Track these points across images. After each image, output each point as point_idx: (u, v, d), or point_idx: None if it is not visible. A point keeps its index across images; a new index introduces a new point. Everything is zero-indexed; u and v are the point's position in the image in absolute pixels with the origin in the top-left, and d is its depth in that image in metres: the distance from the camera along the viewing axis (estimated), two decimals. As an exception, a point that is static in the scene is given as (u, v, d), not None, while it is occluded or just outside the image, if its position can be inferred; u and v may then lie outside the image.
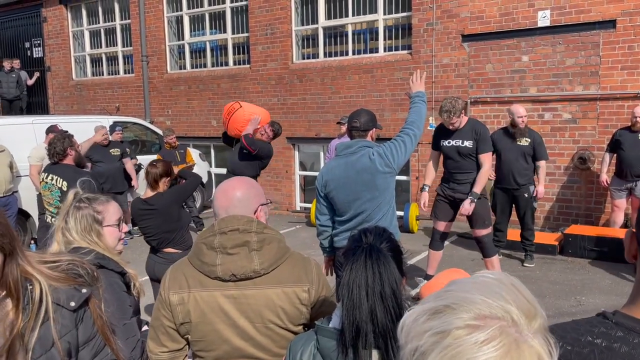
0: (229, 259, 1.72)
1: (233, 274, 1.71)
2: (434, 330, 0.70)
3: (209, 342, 1.76)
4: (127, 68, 12.36)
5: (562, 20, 7.26)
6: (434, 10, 8.13)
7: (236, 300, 1.73)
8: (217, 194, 1.85)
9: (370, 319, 1.36)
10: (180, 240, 3.98)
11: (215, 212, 1.83)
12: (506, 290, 0.73)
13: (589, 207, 7.39)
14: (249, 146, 5.80)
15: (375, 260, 1.40)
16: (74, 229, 2.06)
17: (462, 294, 0.73)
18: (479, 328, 0.68)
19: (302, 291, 1.76)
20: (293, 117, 9.72)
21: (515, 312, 0.70)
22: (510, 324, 0.69)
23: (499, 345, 0.67)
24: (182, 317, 1.74)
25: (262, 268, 1.73)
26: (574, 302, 5.08)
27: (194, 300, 1.73)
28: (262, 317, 1.73)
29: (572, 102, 7.35)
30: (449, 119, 4.94)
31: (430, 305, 0.74)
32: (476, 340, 0.67)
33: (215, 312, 1.73)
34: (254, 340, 1.75)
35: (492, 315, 0.70)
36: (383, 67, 8.71)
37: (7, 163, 6.70)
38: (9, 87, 12.19)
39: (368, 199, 3.24)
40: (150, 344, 1.82)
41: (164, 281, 1.81)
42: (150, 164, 4.04)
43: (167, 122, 11.29)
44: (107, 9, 12.50)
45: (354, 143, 3.30)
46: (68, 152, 4.86)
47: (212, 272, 1.73)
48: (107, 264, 2.04)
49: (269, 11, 9.78)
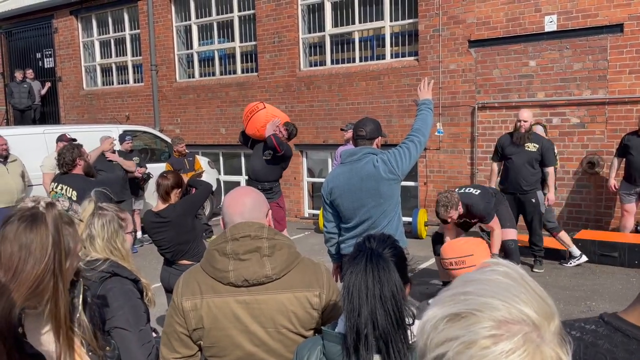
0: (242, 265, 1.75)
1: (245, 280, 1.74)
2: (461, 339, 0.72)
3: (221, 348, 1.78)
4: (137, 77, 12.50)
5: (569, 24, 7.25)
6: (440, 17, 8.16)
7: (248, 305, 1.76)
8: (231, 201, 1.88)
9: (370, 322, 1.37)
10: (195, 252, 3.91)
11: (228, 219, 1.85)
12: (520, 290, 0.75)
13: (599, 211, 7.35)
14: (278, 146, 5.89)
15: (376, 264, 1.41)
16: (100, 235, 2.10)
17: (481, 298, 0.74)
18: (504, 337, 0.70)
19: (313, 296, 1.79)
20: (301, 124, 9.75)
21: (534, 316, 0.73)
22: (532, 328, 0.72)
23: (524, 354, 0.69)
24: (195, 323, 1.77)
25: (274, 273, 1.76)
26: (584, 307, 5.05)
27: (207, 306, 1.76)
28: (274, 322, 1.76)
29: (580, 107, 7.33)
30: (446, 212, 4.86)
31: (449, 310, 0.75)
32: (502, 350, 0.69)
33: (228, 318, 1.76)
34: (266, 346, 1.77)
35: (513, 321, 0.72)
36: (390, 74, 8.73)
37: (19, 172, 6.80)
38: (20, 97, 12.37)
39: (373, 205, 3.25)
40: (163, 350, 1.84)
41: (177, 288, 1.83)
42: (160, 176, 4.00)
43: (177, 130, 11.38)
44: (117, 19, 12.66)
45: (359, 150, 3.32)
46: (77, 162, 4.91)
47: (224, 278, 1.75)
48: (121, 272, 2.08)
49: (277, 19, 9.85)
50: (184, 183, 4.08)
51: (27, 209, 1.42)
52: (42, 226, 1.38)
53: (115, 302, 2.01)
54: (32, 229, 1.37)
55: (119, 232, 2.15)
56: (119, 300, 2.02)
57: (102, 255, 2.12)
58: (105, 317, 1.96)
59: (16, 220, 1.39)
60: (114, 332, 1.98)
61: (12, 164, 6.75)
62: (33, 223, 1.38)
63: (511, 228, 5.24)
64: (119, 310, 2.00)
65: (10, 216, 1.41)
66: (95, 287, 2.04)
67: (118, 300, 2.01)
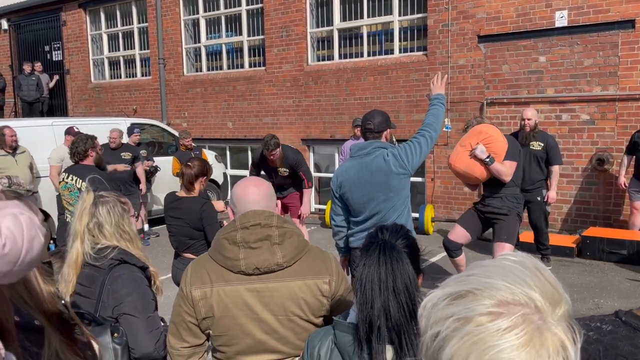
0: (252, 253, 1.75)
1: (257, 268, 1.75)
2: (456, 316, 0.70)
3: (231, 337, 1.78)
4: (145, 71, 12.51)
5: (580, 20, 7.18)
6: (450, 11, 8.10)
7: (259, 293, 1.76)
8: (241, 191, 1.88)
9: (383, 313, 1.37)
10: (201, 249, 3.78)
11: (238, 208, 1.86)
12: (530, 275, 0.72)
13: (608, 209, 7.29)
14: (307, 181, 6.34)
15: (389, 255, 1.40)
16: (107, 221, 2.11)
17: (484, 279, 0.72)
18: (502, 315, 0.68)
19: (323, 283, 1.81)
20: (308, 118, 9.75)
21: (539, 299, 0.70)
22: (534, 310, 0.69)
23: (521, 332, 0.67)
24: (205, 312, 1.76)
25: (285, 261, 1.77)
26: (592, 305, 5.02)
27: (217, 295, 1.76)
28: (284, 309, 1.77)
29: (590, 103, 7.27)
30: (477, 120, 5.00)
31: (452, 289, 0.73)
32: (499, 328, 0.67)
33: (238, 306, 1.76)
34: (277, 333, 1.78)
35: (515, 302, 0.69)
36: (398, 69, 8.69)
37: (28, 164, 6.84)
38: (29, 90, 12.41)
39: (382, 199, 3.24)
40: (171, 339, 1.83)
41: (185, 277, 1.82)
42: (185, 165, 3.85)
43: (184, 124, 11.39)
44: (125, 12, 12.66)
45: (369, 144, 3.31)
46: (89, 153, 4.98)
47: (235, 267, 1.76)
48: (130, 259, 2.09)
49: (285, 13, 9.82)
50: (210, 170, 3.91)
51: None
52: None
53: (123, 289, 2.01)
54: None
55: (124, 215, 2.17)
56: (128, 287, 2.02)
57: (111, 241, 2.13)
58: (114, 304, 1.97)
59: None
60: (122, 318, 1.98)
61: (20, 156, 6.78)
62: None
63: (507, 243, 4.83)
64: (127, 296, 2.01)
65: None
66: (104, 274, 2.04)
67: (127, 287, 2.02)
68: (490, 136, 4.71)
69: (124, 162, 7.52)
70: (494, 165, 4.64)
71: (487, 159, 4.63)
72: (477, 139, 4.72)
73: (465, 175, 4.85)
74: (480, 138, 4.71)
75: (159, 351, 1.99)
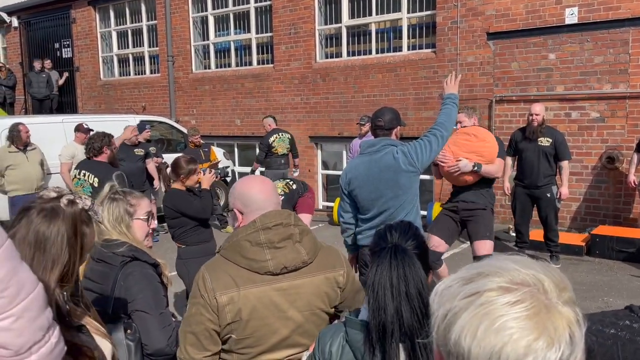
0: (279, 253, 1.77)
1: (285, 267, 1.77)
2: (466, 292, 0.73)
3: (257, 338, 1.77)
4: (153, 68, 12.56)
5: (590, 17, 7.13)
6: (459, 8, 8.07)
7: (286, 291, 1.78)
8: (259, 188, 1.87)
9: (396, 319, 1.37)
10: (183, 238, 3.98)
11: (257, 206, 1.82)
12: (538, 265, 0.76)
13: (617, 207, 7.25)
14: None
15: (400, 260, 1.40)
16: (106, 218, 2.13)
17: (495, 262, 0.76)
18: (511, 290, 0.71)
19: (339, 275, 1.89)
20: (316, 116, 9.75)
21: (547, 281, 0.73)
22: (541, 291, 0.72)
23: (530, 306, 0.69)
24: (232, 317, 1.73)
25: (309, 258, 1.82)
26: (601, 303, 5.00)
27: (245, 298, 1.73)
28: (309, 304, 1.81)
29: (600, 101, 7.22)
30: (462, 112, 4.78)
31: (463, 274, 0.77)
32: (508, 301, 0.70)
33: (266, 307, 1.76)
34: (301, 328, 1.81)
35: (523, 282, 0.72)
36: (407, 66, 8.67)
37: (39, 160, 6.90)
38: (39, 87, 12.50)
39: (391, 197, 3.24)
40: (190, 350, 1.75)
41: (204, 284, 1.75)
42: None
43: (192, 121, 11.43)
44: (134, 10, 12.71)
45: (378, 141, 3.31)
46: (104, 150, 5.07)
47: (262, 268, 1.75)
48: (141, 256, 2.11)
49: (293, 11, 9.82)
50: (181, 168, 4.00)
51: (48, 199, 1.40)
52: (59, 222, 1.36)
53: (136, 286, 2.03)
54: (50, 224, 1.35)
55: (124, 218, 2.16)
56: (140, 283, 2.04)
57: (114, 237, 2.15)
58: (127, 301, 1.99)
59: (35, 212, 1.36)
60: (135, 315, 2.00)
61: (31, 152, 6.84)
62: (51, 218, 1.36)
63: (488, 240, 4.53)
64: (139, 293, 2.02)
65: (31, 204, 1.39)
66: (116, 271, 2.07)
67: (139, 283, 2.04)
68: (483, 140, 4.51)
69: (137, 158, 7.58)
70: (484, 169, 4.44)
71: (475, 168, 4.42)
72: (468, 145, 4.49)
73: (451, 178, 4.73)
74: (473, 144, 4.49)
75: (171, 347, 2.00)
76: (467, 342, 0.70)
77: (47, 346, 1.07)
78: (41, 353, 1.06)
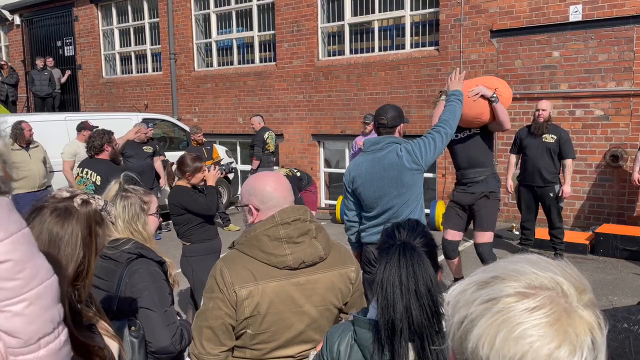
0: (298, 248, 1.78)
1: (303, 262, 1.78)
2: (483, 297, 0.70)
3: (273, 332, 1.78)
4: (156, 66, 12.55)
5: (594, 14, 7.10)
6: (462, 6, 8.04)
7: (303, 286, 1.79)
8: (275, 185, 1.86)
9: (405, 317, 1.36)
10: (187, 236, 3.97)
11: (274, 202, 1.82)
12: (555, 266, 0.73)
13: (621, 205, 7.22)
14: None
15: (409, 258, 1.39)
16: (121, 217, 2.12)
17: (511, 265, 0.73)
18: (529, 295, 0.68)
19: (351, 271, 1.91)
20: (318, 114, 9.74)
21: (566, 284, 0.70)
22: (560, 294, 0.69)
23: (549, 312, 0.67)
24: (250, 311, 1.73)
25: (325, 253, 1.84)
26: (606, 302, 4.98)
27: (263, 292, 1.74)
28: (324, 299, 1.82)
29: (604, 99, 7.19)
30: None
31: (478, 277, 0.74)
32: (527, 307, 0.67)
33: (283, 301, 1.77)
34: (315, 323, 1.82)
35: (541, 286, 0.70)
36: (410, 64, 8.65)
37: (41, 158, 6.89)
38: (41, 85, 12.50)
39: (395, 195, 3.23)
40: (207, 345, 1.75)
41: (222, 278, 1.75)
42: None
43: (195, 119, 11.43)
44: (136, 7, 12.71)
45: (382, 139, 3.29)
46: (105, 147, 5.04)
47: (281, 263, 1.76)
48: (147, 253, 2.10)
49: (295, 8, 9.80)
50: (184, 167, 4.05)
51: (61, 199, 1.39)
52: (73, 222, 1.35)
53: (141, 283, 2.02)
54: (64, 224, 1.34)
55: (140, 215, 2.17)
56: (146, 281, 2.03)
57: (123, 235, 2.14)
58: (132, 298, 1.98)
59: (48, 211, 1.35)
60: (140, 312, 1.99)
61: (34, 150, 6.83)
62: (65, 218, 1.35)
63: (489, 231, 4.65)
64: (144, 291, 2.02)
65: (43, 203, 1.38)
66: (122, 268, 2.06)
67: (144, 281, 2.03)
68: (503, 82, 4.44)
69: (147, 155, 7.58)
70: (499, 106, 4.25)
71: (493, 97, 4.23)
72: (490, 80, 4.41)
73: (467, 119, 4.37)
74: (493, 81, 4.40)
75: (175, 345, 2.00)
76: (485, 351, 0.67)
77: (56, 342, 1.06)
78: (50, 348, 1.04)
